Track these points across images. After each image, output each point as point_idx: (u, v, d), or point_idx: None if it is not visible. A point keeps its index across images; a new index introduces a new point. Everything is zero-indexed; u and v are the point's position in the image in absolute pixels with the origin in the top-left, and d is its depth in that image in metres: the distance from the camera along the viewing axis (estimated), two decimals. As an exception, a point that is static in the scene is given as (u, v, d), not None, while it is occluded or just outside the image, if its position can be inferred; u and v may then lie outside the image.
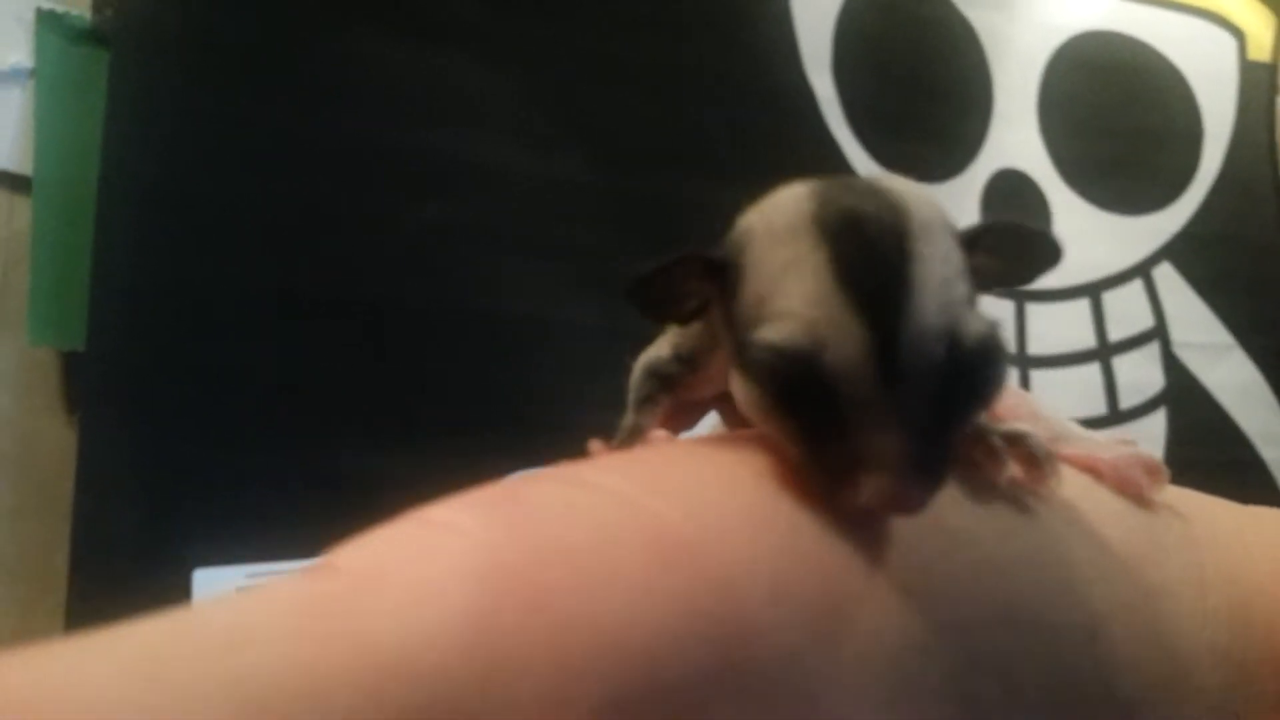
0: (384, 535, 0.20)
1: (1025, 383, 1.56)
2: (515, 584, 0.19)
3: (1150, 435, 1.61)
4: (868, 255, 0.23)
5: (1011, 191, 1.59)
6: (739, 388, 0.24)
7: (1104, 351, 1.62)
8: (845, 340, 0.22)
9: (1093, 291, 1.62)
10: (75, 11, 1.13)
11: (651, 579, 0.19)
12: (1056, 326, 1.59)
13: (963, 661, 0.21)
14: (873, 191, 0.25)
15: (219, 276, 1.15)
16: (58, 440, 1.09)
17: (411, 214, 1.23)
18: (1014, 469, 0.24)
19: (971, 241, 0.25)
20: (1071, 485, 0.26)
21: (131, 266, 1.10)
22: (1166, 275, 1.66)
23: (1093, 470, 0.27)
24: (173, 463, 1.07)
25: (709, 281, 0.26)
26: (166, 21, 1.14)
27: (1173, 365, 1.64)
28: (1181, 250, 1.67)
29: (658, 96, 1.37)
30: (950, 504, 0.23)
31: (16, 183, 1.11)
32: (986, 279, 0.25)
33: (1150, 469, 0.28)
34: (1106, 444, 0.28)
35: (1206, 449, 1.61)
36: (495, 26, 1.31)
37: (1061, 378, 1.58)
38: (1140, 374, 1.62)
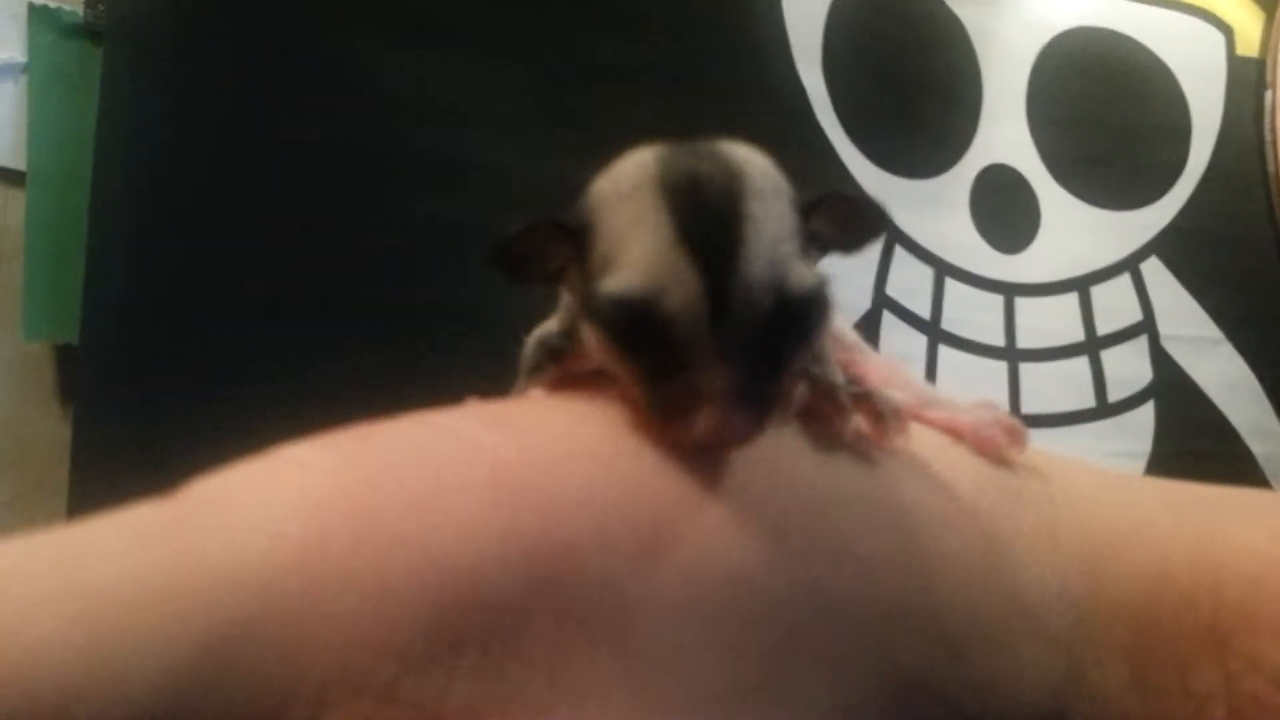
0: (237, 467, 0.21)
1: (1014, 376, 1.57)
2: (349, 509, 0.20)
3: (1139, 428, 1.62)
4: (703, 213, 0.24)
5: (1000, 186, 1.60)
6: (589, 336, 0.26)
7: (1092, 345, 1.63)
8: (680, 287, 0.24)
9: (1081, 286, 1.64)
10: (68, 7, 1.13)
11: (482, 507, 0.20)
12: (1045, 321, 1.60)
13: (788, 593, 0.22)
14: (713, 155, 0.26)
15: (212, 271, 1.15)
16: (52, 433, 1.10)
17: (405, 210, 1.24)
18: (859, 423, 0.25)
19: (810, 209, 0.27)
20: (930, 444, 0.28)
21: (125, 260, 1.11)
22: (1154, 269, 1.68)
23: (954, 431, 0.29)
24: (167, 454, 1.08)
25: (564, 245, 0.27)
26: (159, 17, 1.14)
27: (1161, 359, 1.66)
28: (1169, 245, 1.69)
29: (650, 93, 1.38)
30: (790, 450, 0.25)
31: (10, 177, 1.11)
32: (826, 243, 0.27)
33: (1009, 430, 0.29)
34: (970, 408, 0.30)
35: (1194, 442, 1.62)
36: (489, 26, 1.32)
37: (1050, 371, 1.59)
38: (1128, 368, 1.63)
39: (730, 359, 0.23)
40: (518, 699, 0.19)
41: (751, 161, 0.26)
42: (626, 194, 0.26)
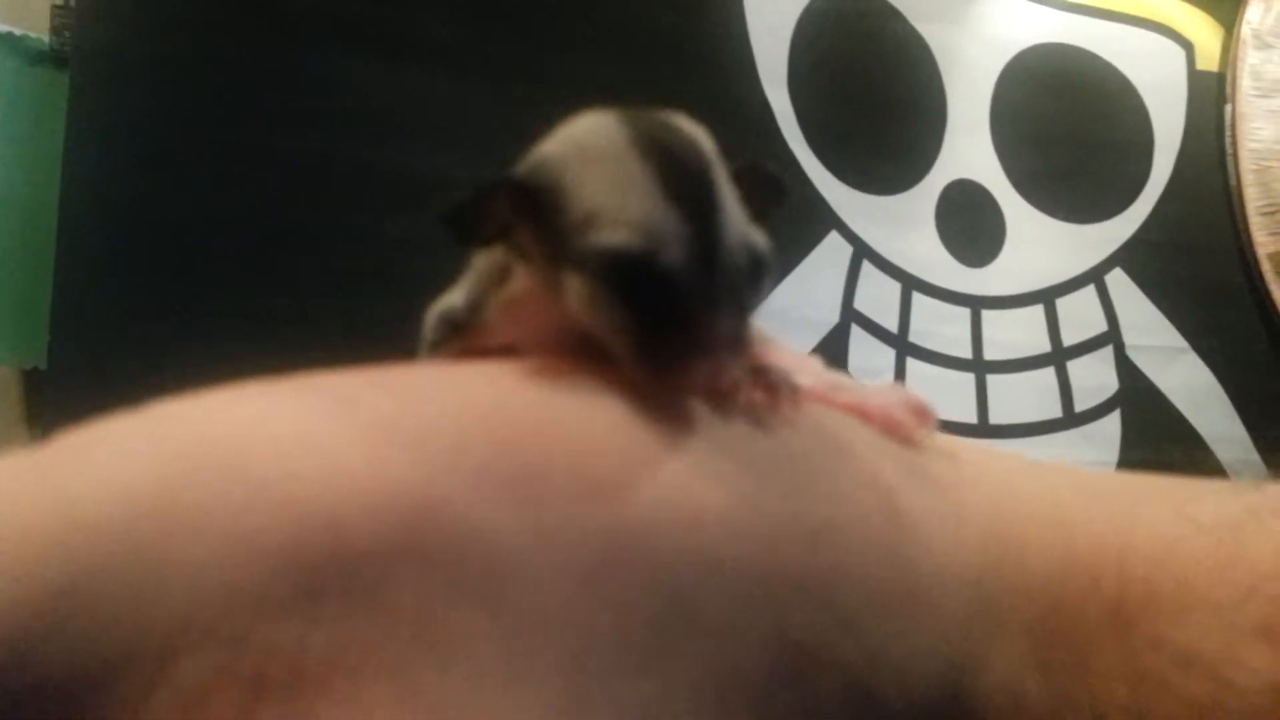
0: (109, 419, 0.21)
1: (982, 387, 1.58)
2: (210, 457, 0.20)
3: (1105, 437, 1.64)
4: (685, 174, 0.26)
5: (965, 201, 1.62)
6: (572, 290, 0.26)
7: (1058, 356, 1.64)
8: (678, 242, 0.25)
9: (1046, 298, 1.65)
10: (34, 34, 1.14)
11: (350, 457, 0.20)
12: (1011, 332, 1.62)
13: (674, 556, 0.22)
14: (670, 121, 0.28)
15: (180, 294, 1.16)
16: (19, 457, 1.09)
17: (377, 227, 1.25)
18: (754, 395, 0.26)
19: (734, 179, 0.28)
20: (834, 423, 0.28)
21: (92, 285, 1.11)
22: (1119, 281, 1.70)
23: (860, 413, 0.29)
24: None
25: (516, 205, 0.28)
26: (124, 43, 1.15)
27: (1126, 368, 1.67)
28: (1133, 256, 1.71)
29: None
30: (679, 416, 0.25)
31: (-24, 202, 1.12)
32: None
33: (917, 411, 0.29)
34: (878, 391, 0.30)
35: (1162, 450, 1.64)
36: (461, 45, 1.33)
37: (1017, 382, 1.61)
38: (1094, 377, 1.65)
39: (722, 310, 0.25)
40: (380, 651, 0.19)
41: (698, 129, 0.27)
42: (601, 155, 0.26)
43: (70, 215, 1.11)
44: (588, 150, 0.27)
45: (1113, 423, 1.65)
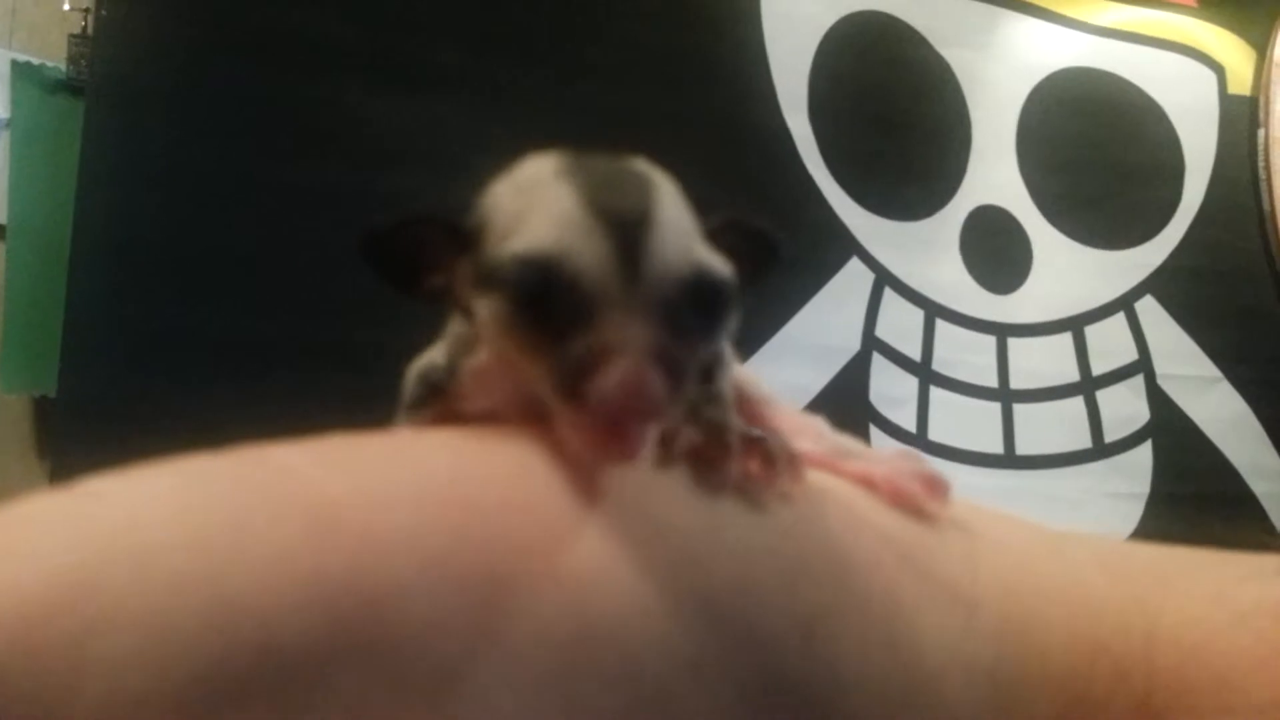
0: (34, 497, 0.19)
1: (1008, 416, 1.55)
2: (135, 543, 0.18)
3: (1137, 468, 1.60)
4: (609, 186, 0.24)
5: (991, 227, 1.59)
6: (485, 313, 0.24)
7: (1087, 385, 1.61)
8: (587, 243, 0.22)
9: (1075, 325, 1.62)
10: (51, 63, 1.15)
11: (288, 546, 0.19)
12: (1039, 361, 1.59)
13: (649, 652, 0.20)
14: (616, 156, 0.26)
15: (190, 322, 1.16)
16: (29, 484, 1.09)
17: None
18: (748, 466, 0.24)
19: (711, 234, 0.26)
20: (839, 496, 0.26)
21: (103, 313, 1.12)
22: (1149, 308, 1.66)
23: (867, 482, 0.27)
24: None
25: (454, 249, 0.26)
26: (139, 73, 1.16)
27: (1157, 398, 1.64)
28: (1164, 283, 1.67)
29: (636, 140, 1.37)
30: (667, 493, 0.23)
31: (-9, 230, 1.13)
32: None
33: (928, 482, 0.27)
34: (887, 459, 0.28)
35: (1194, 482, 1.60)
36: (477, 74, 1.33)
37: (1045, 411, 1.57)
38: (1125, 407, 1.62)
39: (645, 315, 0.22)
40: None
41: (657, 170, 0.25)
42: (525, 184, 0.25)
43: (83, 245, 1.11)
44: (517, 182, 0.26)
45: (1144, 453, 1.61)
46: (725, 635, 0.21)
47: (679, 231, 0.24)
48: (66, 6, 1.14)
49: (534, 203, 0.24)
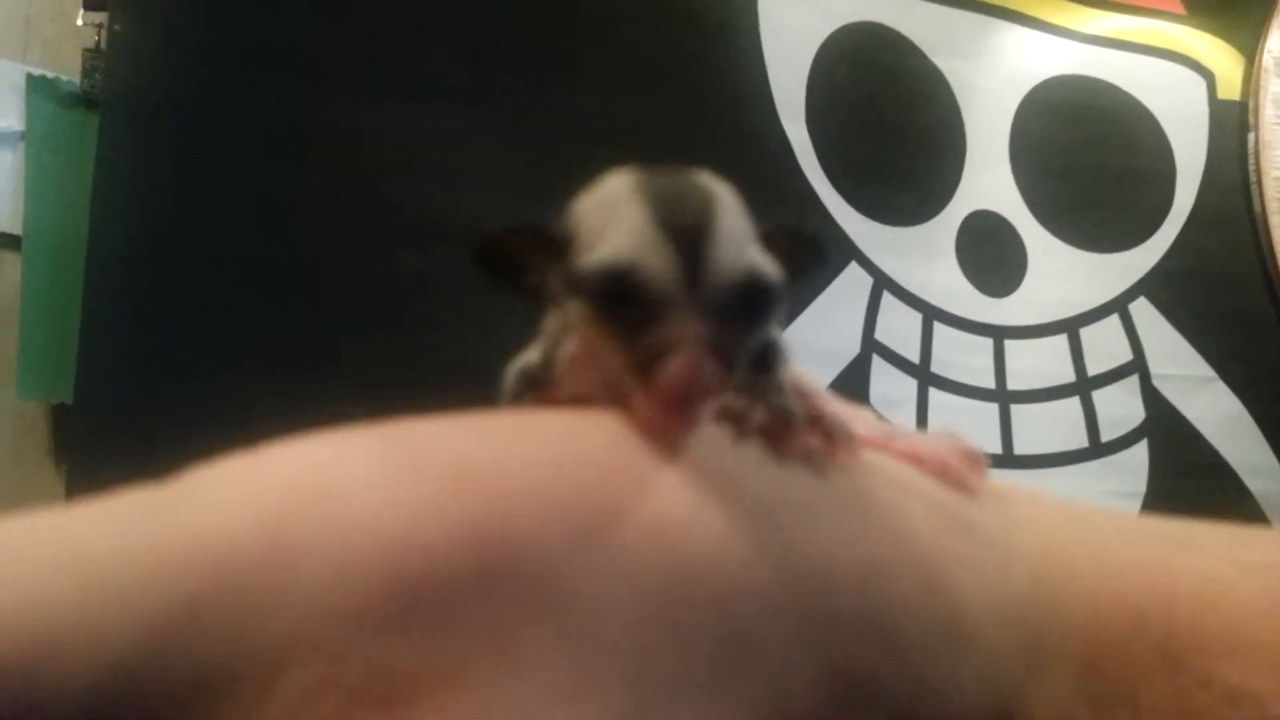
0: (222, 459, 0.23)
1: (1006, 417, 1.57)
2: (318, 491, 0.22)
3: (1133, 467, 1.62)
4: (677, 203, 0.28)
5: (986, 232, 1.62)
6: (574, 312, 0.29)
7: (1083, 386, 1.63)
8: (656, 255, 0.27)
9: (1069, 327, 1.65)
10: (65, 77, 1.17)
11: (439, 496, 0.23)
12: (1035, 362, 1.61)
13: (732, 590, 0.24)
14: (684, 171, 0.30)
15: (204, 330, 1.17)
16: (46, 490, 1.11)
17: (394, 264, 1.26)
18: (811, 441, 0.27)
19: (765, 238, 0.30)
20: (889, 470, 0.29)
21: (118, 322, 1.13)
22: (1143, 310, 1.69)
23: (914, 458, 0.30)
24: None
25: (547, 254, 0.30)
26: (153, 86, 1.18)
27: (1153, 398, 1.66)
28: (1157, 285, 1.70)
29: (635, 148, 1.38)
30: (745, 459, 0.26)
31: (6, 241, 1.14)
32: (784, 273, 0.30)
33: (969, 458, 0.31)
34: (931, 438, 0.31)
35: (1190, 480, 1.62)
36: (477, 85, 1.35)
37: (1041, 412, 1.60)
38: (1120, 407, 1.64)
39: (701, 315, 0.26)
40: (464, 667, 0.21)
41: (720, 182, 0.30)
42: (606, 200, 0.29)
43: (98, 253, 1.13)
44: (599, 198, 0.30)
45: (1140, 453, 1.63)
46: (795, 581, 0.24)
47: (733, 239, 0.28)
48: (80, 21, 1.16)
49: (612, 218, 0.28)
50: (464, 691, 0.21)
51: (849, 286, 1.52)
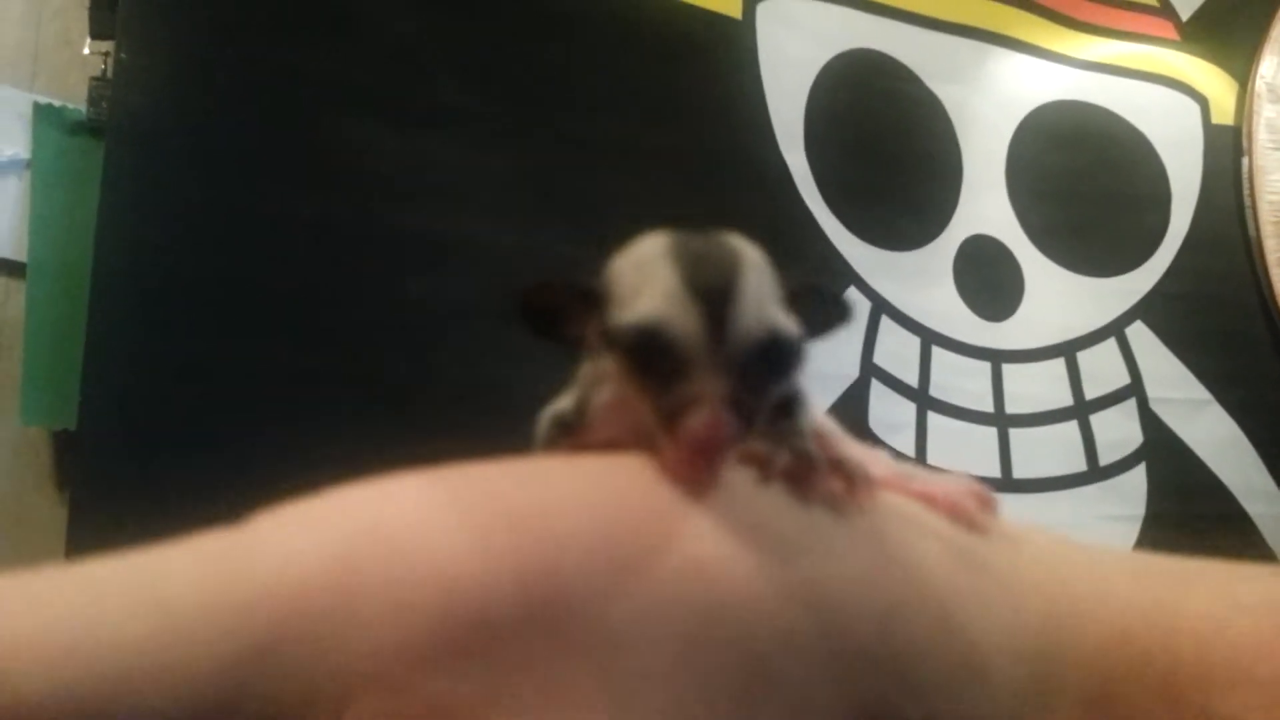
0: (290, 503, 0.25)
1: (1004, 441, 1.58)
2: (380, 537, 0.24)
3: (1131, 490, 1.63)
4: (706, 267, 0.30)
5: (983, 256, 1.63)
6: (608, 364, 0.31)
7: (1081, 409, 1.64)
8: (684, 316, 0.29)
9: (1067, 351, 1.66)
10: (72, 105, 1.18)
11: (490, 539, 0.25)
12: (1032, 386, 1.62)
13: (758, 628, 0.25)
14: (715, 235, 0.32)
15: (208, 357, 1.18)
16: (49, 517, 1.11)
17: (398, 289, 1.27)
18: (832, 484, 0.29)
19: (791, 296, 0.32)
20: (904, 511, 0.31)
21: (123, 349, 1.13)
22: (1140, 333, 1.70)
23: (928, 499, 0.32)
24: (162, 538, 1.09)
25: (585, 308, 0.32)
26: (159, 114, 1.18)
27: (1150, 421, 1.67)
28: (1154, 309, 1.71)
29: (637, 175, 1.41)
30: (770, 502, 0.28)
31: (12, 268, 1.15)
32: (808, 330, 0.32)
33: (980, 499, 0.32)
34: (944, 480, 0.33)
35: (1189, 503, 1.63)
36: (480, 111, 1.36)
37: (1040, 436, 1.60)
38: (1118, 431, 1.65)
39: (723, 372, 0.28)
40: (516, 700, 0.23)
41: (748, 245, 0.31)
42: (641, 260, 0.31)
43: (103, 281, 1.13)
44: (634, 258, 0.32)
45: (1138, 476, 1.64)
46: (818, 619, 0.26)
47: (757, 300, 0.30)
48: (87, 50, 1.17)
49: (645, 278, 0.30)
50: None
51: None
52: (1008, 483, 1.56)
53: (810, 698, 0.25)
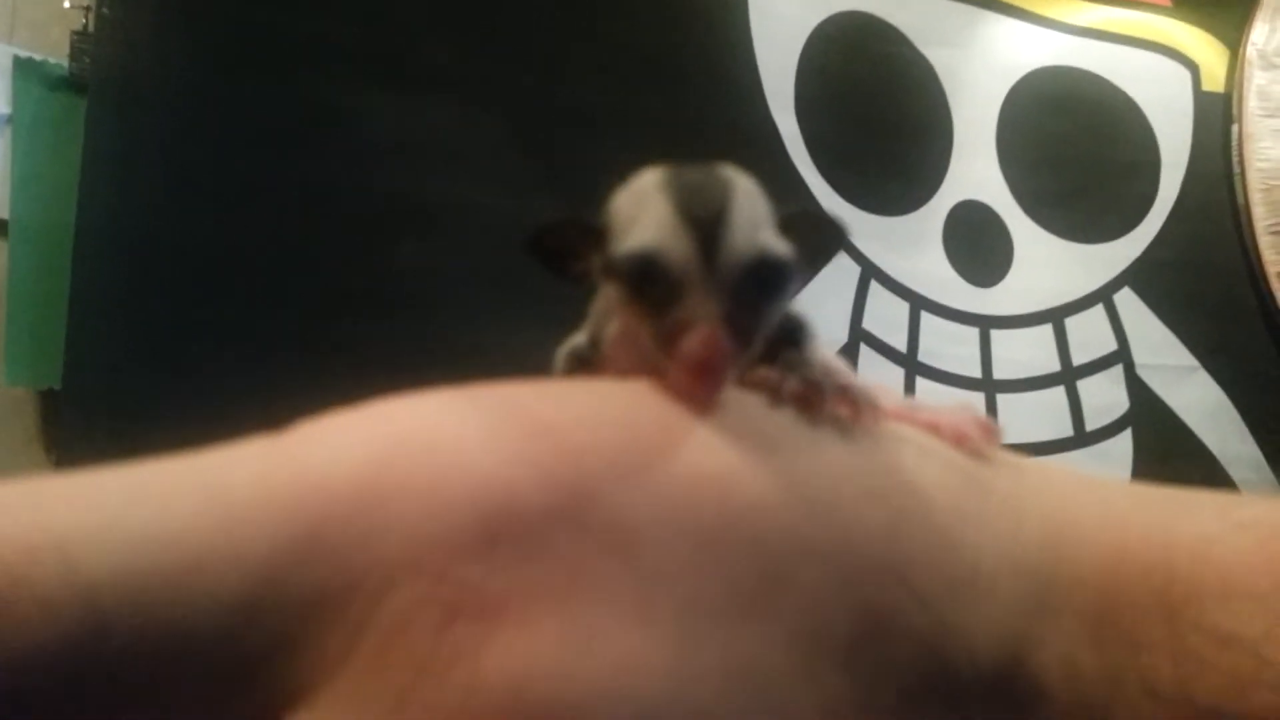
0: (334, 414, 0.27)
1: (991, 406, 1.58)
2: (417, 440, 0.26)
3: (1117, 456, 1.64)
4: (697, 195, 0.31)
5: (973, 222, 1.63)
6: (611, 295, 0.32)
7: (1068, 375, 1.65)
8: (677, 242, 0.30)
9: (1055, 317, 1.66)
10: (53, 60, 1.16)
11: (520, 445, 0.26)
12: (1020, 351, 1.63)
13: (771, 532, 0.27)
14: (707, 165, 0.33)
15: (193, 316, 1.17)
16: (34, 477, 1.11)
17: (385, 251, 1.26)
18: (838, 407, 0.30)
19: (783, 223, 0.33)
20: (910, 437, 0.32)
21: (107, 307, 1.13)
22: (1127, 300, 1.70)
23: (934, 428, 0.33)
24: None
25: (588, 243, 0.33)
26: (142, 69, 1.17)
27: (1137, 387, 1.67)
28: (1142, 275, 1.71)
29: (626, 137, 1.40)
30: (781, 422, 0.30)
31: (-5, 226, 1.14)
32: (802, 259, 0.33)
33: (984, 428, 0.33)
34: (950, 410, 0.34)
35: (1174, 469, 1.64)
36: (470, 74, 1.35)
37: (1027, 401, 1.61)
38: (1105, 396, 1.65)
39: (717, 293, 0.29)
40: (545, 590, 0.24)
41: (740, 174, 0.32)
42: (636, 193, 0.32)
43: (86, 239, 1.12)
44: (631, 192, 0.33)
45: (1124, 442, 1.65)
46: (827, 528, 0.27)
47: (747, 224, 0.31)
48: (67, 4, 1.15)
49: (641, 209, 0.32)
50: (545, 610, 0.24)
51: (837, 275, 1.52)
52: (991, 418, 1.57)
53: (821, 601, 0.26)
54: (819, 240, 0.34)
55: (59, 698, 0.21)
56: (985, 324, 1.61)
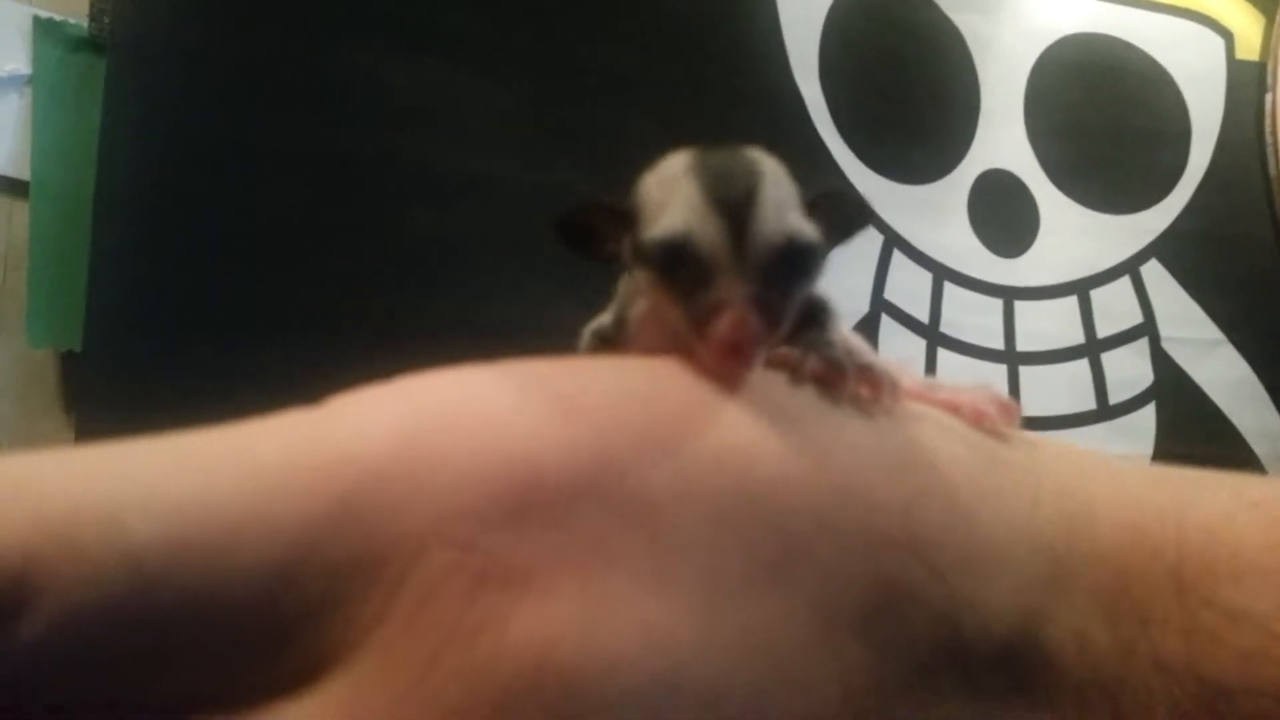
0: (363, 388, 0.28)
1: (1014, 378, 1.57)
2: (444, 414, 0.27)
3: (1140, 430, 1.62)
4: (726, 180, 0.32)
5: (998, 191, 1.61)
6: (640, 277, 0.33)
7: (1093, 348, 1.63)
8: (706, 227, 0.31)
9: (1080, 289, 1.64)
10: (73, 20, 1.16)
11: (545, 420, 0.27)
12: (1044, 323, 1.61)
13: (790, 506, 0.27)
14: (735, 149, 0.33)
15: (213, 279, 1.17)
16: (56, 438, 1.12)
17: (404, 219, 1.26)
18: (859, 386, 0.31)
19: (809, 204, 0.33)
20: (929, 415, 0.33)
21: (128, 269, 1.13)
22: (1154, 272, 1.68)
23: (953, 407, 0.34)
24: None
25: (617, 226, 0.34)
26: (162, 30, 1.17)
27: (1162, 360, 1.66)
28: (1169, 247, 1.69)
29: (650, 105, 1.39)
30: (802, 399, 0.30)
31: (15, 187, 1.13)
32: (827, 239, 0.33)
33: (1003, 407, 0.34)
34: (969, 389, 0.35)
35: (1197, 443, 1.62)
36: (489, 38, 1.34)
37: (1051, 374, 1.60)
38: (1129, 369, 1.64)
39: (747, 277, 0.30)
40: (570, 560, 0.25)
41: (767, 157, 0.33)
42: (666, 177, 0.33)
43: (106, 201, 1.13)
44: (660, 175, 0.34)
45: (1147, 416, 1.63)
46: (846, 502, 0.28)
47: (776, 208, 0.31)
48: (88, -36, 1.14)
49: (670, 193, 0.32)
50: (569, 579, 0.25)
51: (859, 244, 1.50)
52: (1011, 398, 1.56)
53: (841, 572, 0.27)
54: (844, 220, 0.34)
55: (106, 658, 0.22)
56: (1009, 295, 1.59)
